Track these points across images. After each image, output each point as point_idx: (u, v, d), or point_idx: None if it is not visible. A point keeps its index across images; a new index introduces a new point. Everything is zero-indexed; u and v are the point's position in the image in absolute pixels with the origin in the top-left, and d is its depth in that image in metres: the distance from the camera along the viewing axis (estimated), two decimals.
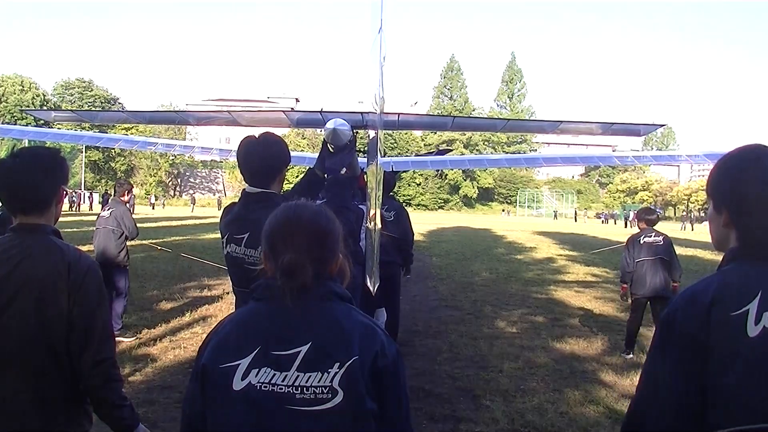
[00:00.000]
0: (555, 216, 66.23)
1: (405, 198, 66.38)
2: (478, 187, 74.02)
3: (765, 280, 1.21)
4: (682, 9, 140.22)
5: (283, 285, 1.23)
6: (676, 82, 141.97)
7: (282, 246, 1.26)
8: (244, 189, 2.36)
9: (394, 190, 7.08)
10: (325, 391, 1.18)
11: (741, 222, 1.28)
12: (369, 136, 3.57)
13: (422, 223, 32.32)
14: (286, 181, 2.55)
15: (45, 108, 57.44)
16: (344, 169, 3.35)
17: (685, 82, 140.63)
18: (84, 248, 2.25)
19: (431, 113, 73.61)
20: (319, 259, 1.27)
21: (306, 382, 1.19)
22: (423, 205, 70.79)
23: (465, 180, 73.13)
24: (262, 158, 2.36)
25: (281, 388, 1.19)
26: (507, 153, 66.43)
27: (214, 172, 74.68)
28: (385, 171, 5.33)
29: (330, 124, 3.05)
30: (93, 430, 1.83)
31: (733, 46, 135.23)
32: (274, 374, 1.20)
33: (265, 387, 1.20)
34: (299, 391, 1.19)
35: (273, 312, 1.27)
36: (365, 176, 4.14)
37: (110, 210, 6.48)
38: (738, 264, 1.27)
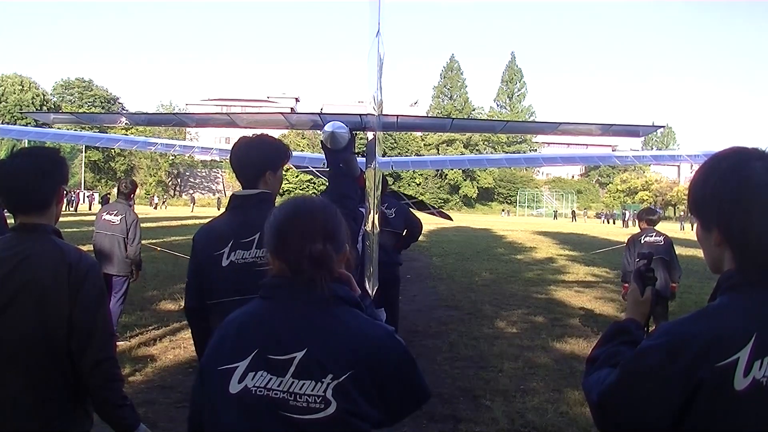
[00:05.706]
0: (555, 216, 66.14)
1: None
2: (478, 187, 73.84)
3: (762, 317, 1.03)
4: (682, 9, 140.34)
5: (293, 279, 1.23)
6: (676, 82, 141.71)
7: (297, 240, 1.24)
8: (234, 193, 2.32)
9: (395, 190, 7.23)
10: (318, 401, 1.16)
11: (735, 241, 1.10)
12: (368, 138, 3.58)
13: (422, 223, 32.20)
14: (285, 180, 2.50)
15: (45, 108, 57.37)
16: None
17: (685, 82, 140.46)
18: (84, 248, 2.24)
19: (431, 113, 73.57)
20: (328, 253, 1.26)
21: (300, 389, 1.17)
22: None
23: (465, 180, 72.95)
24: (254, 158, 2.31)
25: (276, 393, 1.17)
26: (507, 153, 66.25)
27: (214, 172, 74.58)
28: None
29: (328, 128, 3.06)
30: (93, 430, 1.84)
31: (733, 46, 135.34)
32: (270, 378, 1.18)
33: (260, 391, 1.18)
34: (293, 398, 1.17)
35: (275, 313, 1.25)
36: (364, 177, 4.15)
37: (120, 216, 5.87)
38: (732, 297, 1.08)
